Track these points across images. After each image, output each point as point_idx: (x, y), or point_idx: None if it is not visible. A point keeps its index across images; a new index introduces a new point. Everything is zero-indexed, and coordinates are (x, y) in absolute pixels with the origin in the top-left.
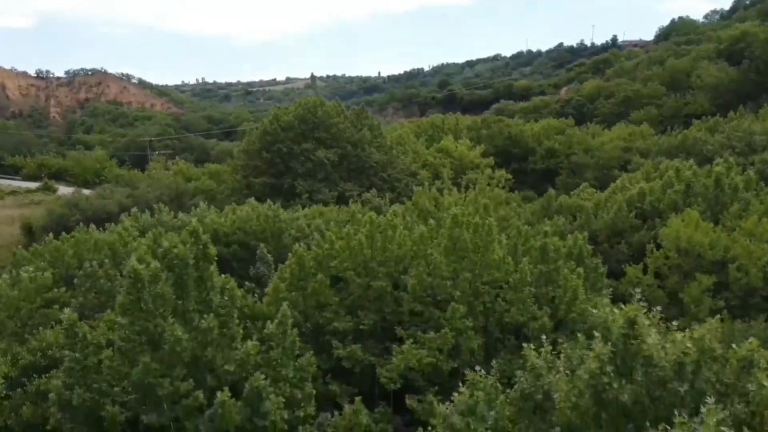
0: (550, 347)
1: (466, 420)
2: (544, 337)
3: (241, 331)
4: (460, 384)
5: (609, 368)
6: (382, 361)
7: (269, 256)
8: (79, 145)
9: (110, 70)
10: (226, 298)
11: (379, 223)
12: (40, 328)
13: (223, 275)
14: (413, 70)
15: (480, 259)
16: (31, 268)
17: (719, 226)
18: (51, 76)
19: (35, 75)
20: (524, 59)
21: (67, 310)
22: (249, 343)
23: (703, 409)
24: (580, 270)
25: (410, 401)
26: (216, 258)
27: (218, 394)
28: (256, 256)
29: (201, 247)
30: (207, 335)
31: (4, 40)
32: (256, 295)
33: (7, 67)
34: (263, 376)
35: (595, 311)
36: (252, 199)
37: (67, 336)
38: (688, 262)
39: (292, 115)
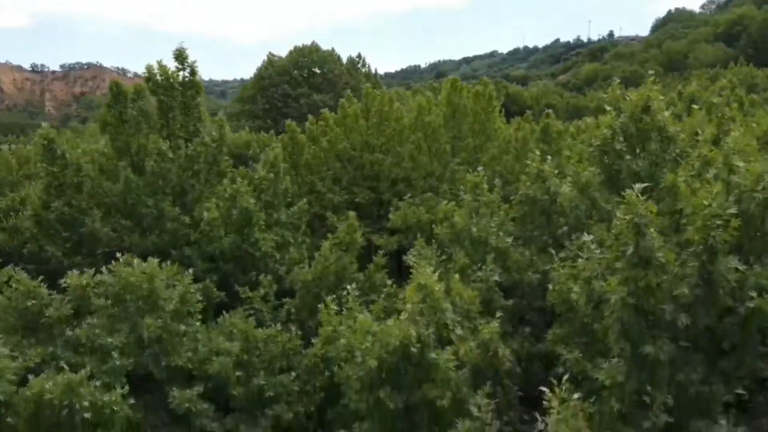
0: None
1: (470, 222)
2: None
3: (231, 168)
4: None
5: (620, 141)
6: (376, 236)
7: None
8: None
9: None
10: (215, 133)
11: (374, 95)
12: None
13: None
14: (410, 67)
15: (480, 126)
16: None
17: None
18: (46, 70)
19: (30, 69)
20: (521, 55)
21: (45, 124)
22: (239, 180)
23: None
24: None
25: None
26: None
27: (205, 213)
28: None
29: (189, 71)
30: (193, 162)
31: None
32: None
33: (2, 61)
34: (253, 200)
35: (605, 95)
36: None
37: (45, 151)
38: None
39: (287, 60)
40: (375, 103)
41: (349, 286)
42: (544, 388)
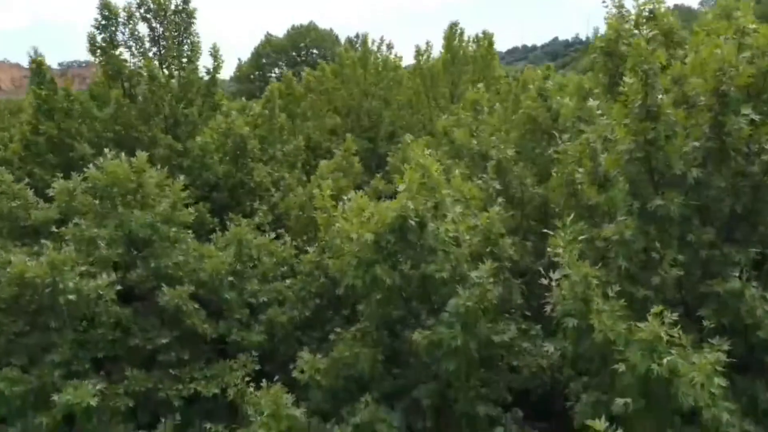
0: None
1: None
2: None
3: (225, 101)
4: None
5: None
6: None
7: None
8: None
9: None
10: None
11: (372, 50)
12: None
13: None
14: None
15: (480, 72)
16: None
17: None
18: None
19: (28, 67)
20: (519, 54)
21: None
22: (234, 113)
23: None
24: None
25: None
26: None
27: (198, 139)
28: None
29: None
30: (187, 91)
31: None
32: None
33: (1, 59)
34: (247, 128)
35: None
36: None
37: (34, 74)
38: None
39: (285, 39)
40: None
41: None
42: (547, 230)
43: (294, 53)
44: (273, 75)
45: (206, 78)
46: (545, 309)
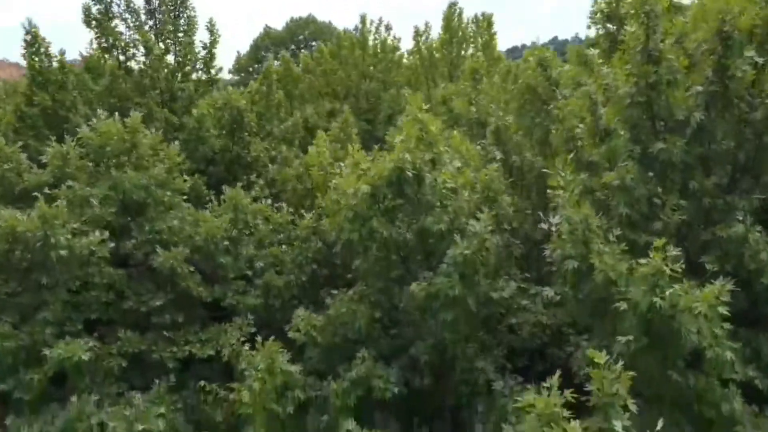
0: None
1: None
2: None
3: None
4: None
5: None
6: None
7: None
8: None
9: None
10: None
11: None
12: None
13: None
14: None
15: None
16: None
17: None
18: None
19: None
20: (519, 53)
21: None
22: (230, 88)
23: None
24: None
25: None
26: None
27: (194, 111)
28: None
29: None
30: (183, 65)
31: None
32: None
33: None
34: (245, 101)
35: None
36: None
37: (29, 45)
38: None
39: (283, 31)
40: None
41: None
42: (546, 170)
43: (293, 46)
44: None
45: (203, 53)
46: (545, 256)
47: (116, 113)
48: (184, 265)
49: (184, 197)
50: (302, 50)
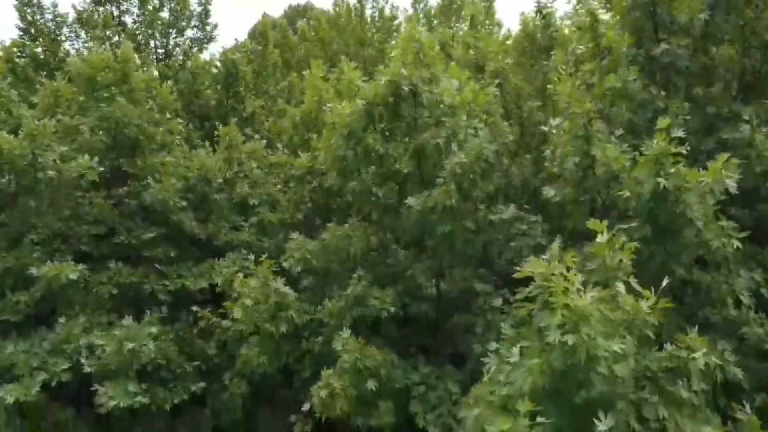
0: None
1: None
2: None
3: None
4: None
5: None
6: None
7: None
8: None
9: None
10: None
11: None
12: None
13: None
14: None
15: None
16: None
17: None
18: None
19: None
20: None
21: None
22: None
23: None
24: None
25: None
26: None
27: (188, 63)
28: None
29: None
30: (178, 18)
31: None
32: None
33: None
34: (239, 54)
35: None
36: None
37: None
38: None
39: (282, 18)
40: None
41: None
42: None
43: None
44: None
45: (198, 9)
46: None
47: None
48: (176, 198)
49: (177, 139)
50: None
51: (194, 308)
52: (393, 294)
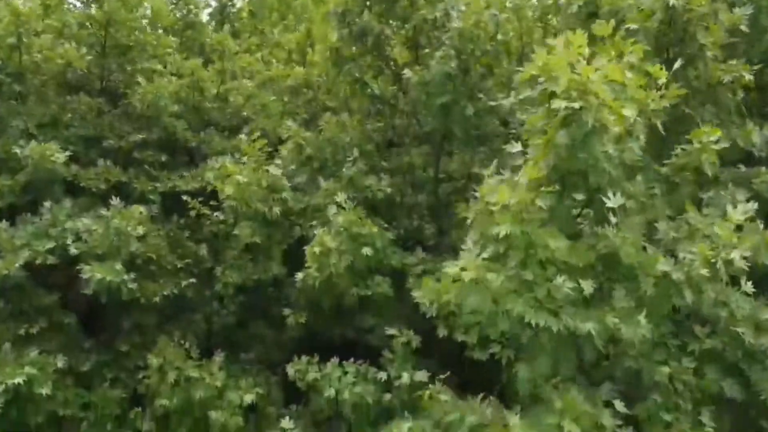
0: None
1: None
2: None
3: None
4: None
5: None
6: None
7: None
8: None
9: None
10: None
11: None
12: None
13: None
14: None
15: None
16: None
17: None
18: None
19: None
20: None
21: None
22: None
23: None
24: None
25: None
26: None
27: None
28: None
29: None
30: None
31: None
32: None
33: None
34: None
35: None
36: None
37: None
38: None
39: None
40: None
41: None
42: None
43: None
44: None
45: None
46: None
47: None
48: (167, 99)
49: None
50: None
51: (184, 197)
52: (388, 179)
